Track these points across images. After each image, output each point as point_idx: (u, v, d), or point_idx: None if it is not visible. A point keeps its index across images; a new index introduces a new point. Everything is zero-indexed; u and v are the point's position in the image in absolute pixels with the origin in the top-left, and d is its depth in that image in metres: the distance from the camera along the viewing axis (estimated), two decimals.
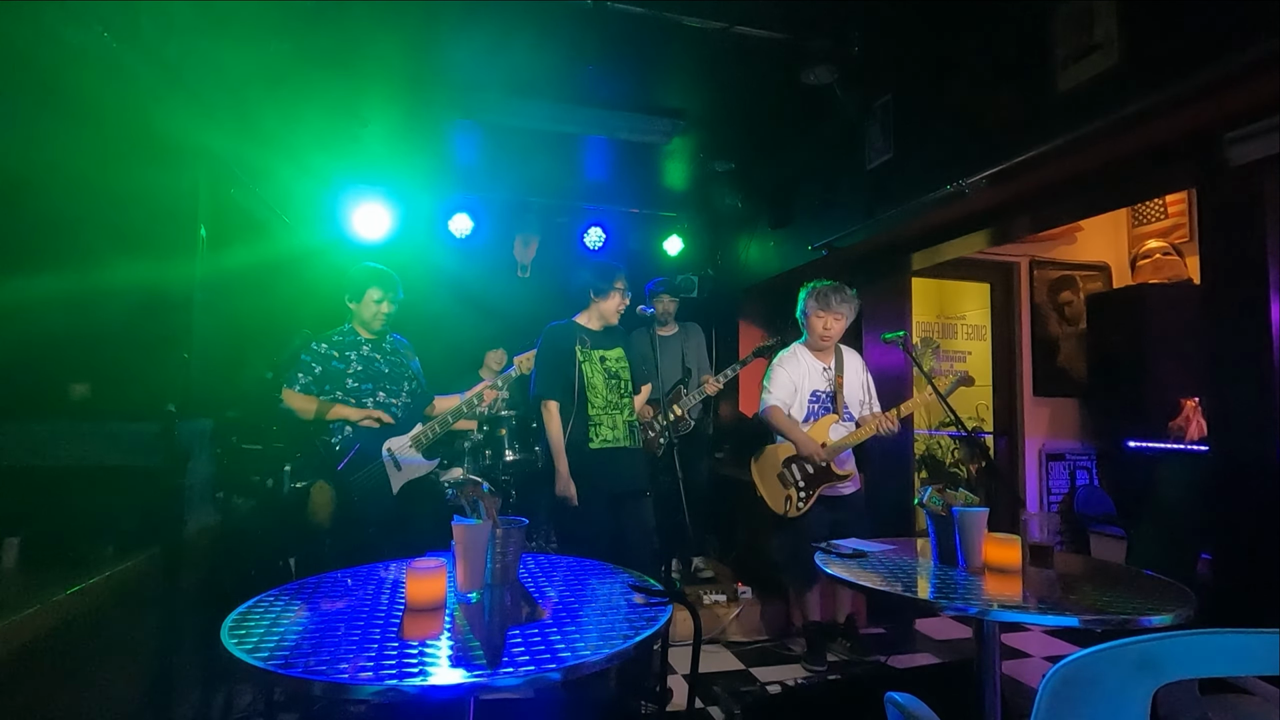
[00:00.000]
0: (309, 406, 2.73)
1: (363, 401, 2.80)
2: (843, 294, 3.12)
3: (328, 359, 2.78)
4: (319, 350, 2.78)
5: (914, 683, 2.50)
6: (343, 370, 2.79)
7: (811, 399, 3.20)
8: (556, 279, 4.87)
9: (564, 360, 2.91)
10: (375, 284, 2.85)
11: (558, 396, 2.89)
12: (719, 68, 3.15)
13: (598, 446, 2.89)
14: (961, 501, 1.89)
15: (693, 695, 2.62)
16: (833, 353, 3.23)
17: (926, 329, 5.57)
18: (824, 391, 3.20)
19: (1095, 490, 4.75)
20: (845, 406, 3.19)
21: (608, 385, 2.95)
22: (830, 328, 3.12)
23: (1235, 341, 2.22)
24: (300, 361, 2.74)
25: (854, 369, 3.26)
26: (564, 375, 2.90)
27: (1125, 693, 1.01)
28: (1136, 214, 4.88)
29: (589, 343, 2.97)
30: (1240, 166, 2.08)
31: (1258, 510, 2.11)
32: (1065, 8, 2.32)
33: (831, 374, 3.21)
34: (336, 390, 2.77)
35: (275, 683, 1.07)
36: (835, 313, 3.10)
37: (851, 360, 3.28)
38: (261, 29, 2.69)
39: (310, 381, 2.74)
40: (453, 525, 1.47)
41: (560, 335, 2.95)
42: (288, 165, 3.81)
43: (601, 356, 2.97)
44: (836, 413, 3.17)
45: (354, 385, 2.80)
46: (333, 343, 2.83)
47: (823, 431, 3.14)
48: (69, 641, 1.71)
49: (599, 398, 2.92)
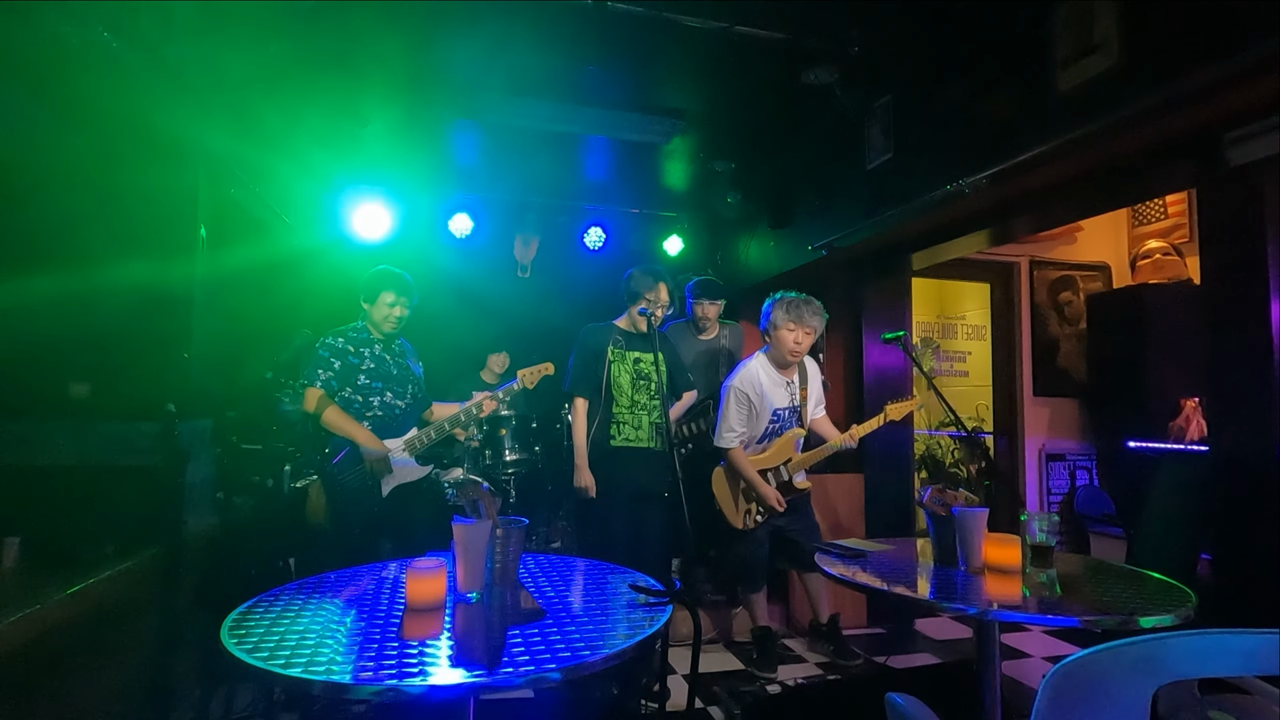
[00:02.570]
0: (331, 414, 2.69)
1: (369, 400, 2.79)
2: (813, 307, 3.01)
3: (344, 354, 2.77)
4: (335, 345, 2.77)
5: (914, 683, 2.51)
6: (356, 366, 2.79)
7: (773, 419, 3.09)
8: (556, 279, 4.87)
9: (594, 359, 2.98)
10: (390, 287, 2.84)
11: (585, 393, 2.98)
12: (719, 68, 3.14)
13: (618, 445, 2.95)
14: (961, 501, 1.89)
15: (693, 695, 2.61)
16: (795, 366, 3.12)
17: (926, 329, 5.57)
18: (785, 408, 3.10)
19: (1095, 490, 4.75)
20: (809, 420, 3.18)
21: (634, 385, 2.98)
22: (801, 343, 2.99)
23: (1235, 341, 2.22)
24: (319, 357, 2.73)
25: (814, 380, 3.20)
26: (593, 373, 2.97)
27: (1125, 693, 1.01)
28: (1136, 214, 4.88)
29: (623, 344, 3.01)
30: (1240, 166, 2.08)
31: (1258, 510, 2.11)
32: (1065, 8, 2.32)
33: (794, 388, 3.12)
34: (346, 386, 2.76)
35: (275, 683, 1.08)
36: (807, 327, 2.97)
37: (812, 370, 3.23)
38: (261, 29, 2.69)
39: (331, 377, 2.72)
40: (453, 525, 1.47)
41: (595, 335, 3.03)
42: (288, 165, 3.81)
43: (636, 359, 3.00)
44: (803, 426, 3.13)
45: (365, 383, 2.79)
46: (348, 338, 2.82)
47: (788, 447, 3.10)
48: (69, 641, 1.71)
49: (624, 397, 2.97)
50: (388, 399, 2.83)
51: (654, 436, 2.99)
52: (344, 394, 2.75)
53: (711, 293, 3.70)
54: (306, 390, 2.69)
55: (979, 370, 5.43)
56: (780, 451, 3.10)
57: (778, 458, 3.11)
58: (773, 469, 3.11)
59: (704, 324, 3.74)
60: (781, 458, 3.10)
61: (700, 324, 3.74)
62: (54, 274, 2.24)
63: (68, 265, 2.28)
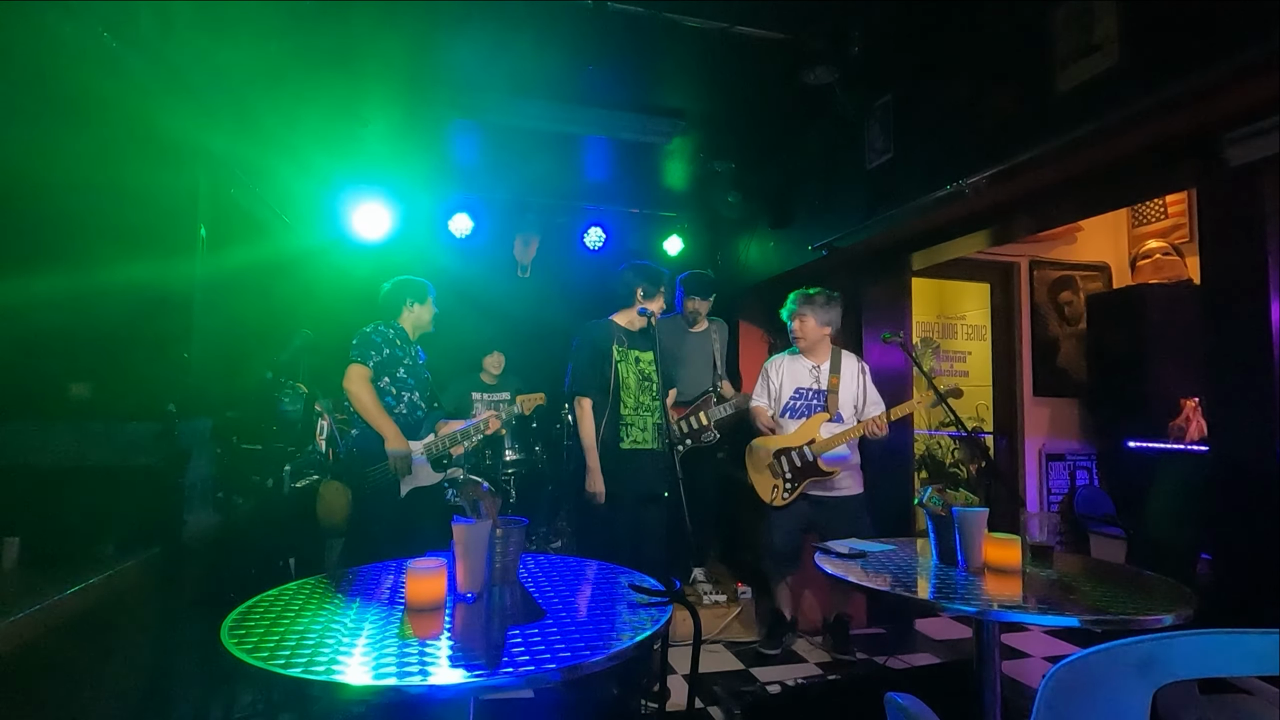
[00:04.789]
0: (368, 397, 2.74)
1: (401, 395, 2.87)
2: (805, 296, 3.28)
3: (393, 344, 2.85)
4: (387, 334, 2.85)
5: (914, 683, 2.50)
6: (400, 360, 2.87)
7: (795, 395, 3.29)
8: (557, 279, 4.87)
9: (600, 358, 2.89)
10: (431, 292, 3.03)
11: (592, 394, 2.87)
12: (719, 68, 3.14)
13: (628, 447, 2.89)
14: (961, 501, 1.89)
15: (693, 695, 2.62)
16: (826, 354, 3.29)
17: (926, 329, 5.57)
18: (809, 389, 3.27)
19: (1095, 490, 4.75)
20: (838, 409, 3.22)
21: (640, 387, 2.95)
22: (796, 330, 3.28)
23: (1235, 341, 2.22)
24: (371, 341, 2.80)
25: (850, 372, 3.28)
26: (600, 373, 2.89)
27: (1125, 693, 1.01)
28: (1136, 214, 4.88)
29: (626, 342, 2.96)
30: (1240, 166, 2.08)
31: (1258, 510, 2.11)
32: (1065, 8, 2.32)
33: (820, 373, 3.27)
34: (385, 376, 2.83)
35: (275, 683, 1.07)
36: (798, 315, 3.28)
37: (849, 363, 3.30)
38: (261, 29, 2.69)
39: (379, 362, 2.80)
40: (453, 525, 1.47)
41: (598, 333, 2.93)
42: (288, 165, 3.81)
43: (636, 358, 2.98)
44: (828, 411, 3.21)
45: (402, 376, 2.87)
46: (396, 330, 2.90)
47: (813, 428, 3.20)
48: (69, 641, 1.71)
49: (631, 398, 2.92)
50: (415, 398, 2.91)
51: (656, 437, 2.98)
52: (381, 384, 2.81)
53: (704, 288, 3.88)
54: (352, 367, 2.74)
55: (979, 370, 5.43)
56: (804, 433, 3.21)
57: (801, 439, 3.21)
58: (796, 449, 3.20)
59: (695, 318, 3.90)
60: (805, 439, 3.19)
61: (691, 318, 3.90)
62: (54, 274, 2.23)
63: (68, 265, 2.28)
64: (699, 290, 3.84)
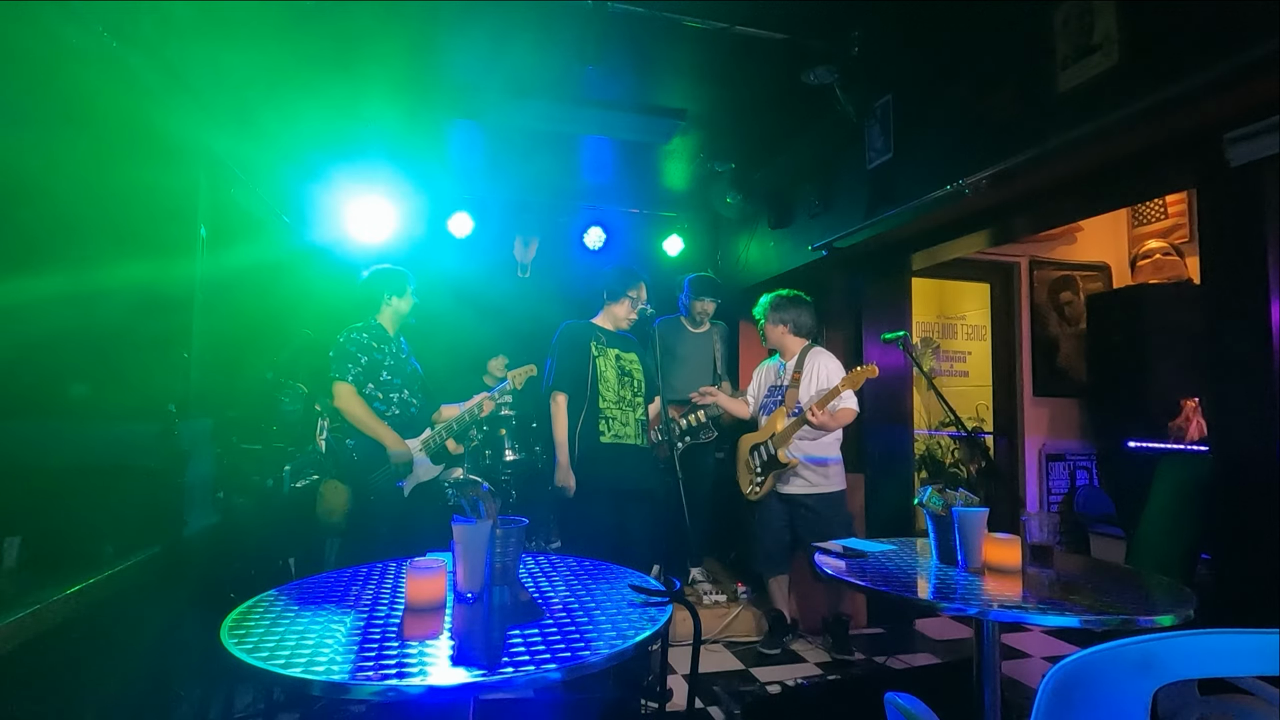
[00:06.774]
0: (360, 411, 2.70)
1: (390, 397, 2.81)
2: (766, 301, 3.40)
3: (370, 349, 2.77)
4: (361, 340, 2.76)
5: (914, 683, 2.51)
6: (380, 363, 2.79)
7: (767, 393, 3.43)
8: (557, 279, 4.87)
9: (578, 355, 2.94)
10: (411, 282, 2.92)
11: (567, 389, 2.92)
12: (719, 68, 3.14)
13: (608, 441, 2.91)
14: (961, 501, 1.89)
15: (693, 695, 2.61)
16: (798, 354, 3.36)
17: (926, 329, 5.57)
18: (777, 385, 3.39)
19: (1095, 490, 4.75)
20: (798, 403, 3.25)
21: (620, 381, 2.98)
22: (766, 334, 3.42)
23: (1235, 341, 2.22)
24: (346, 352, 2.72)
25: (812, 368, 3.29)
26: (576, 369, 2.93)
27: (1125, 693, 1.01)
28: (1136, 214, 4.87)
29: (605, 341, 3.01)
30: (1240, 166, 2.08)
31: (1258, 510, 2.11)
32: (1065, 8, 2.32)
33: (786, 372, 3.36)
34: (369, 383, 2.77)
35: (275, 683, 1.08)
36: (762, 322, 3.43)
37: (814, 359, 3.31)
38: (261, 29, 2.69)
39: (360, 372, 2.72)
40: (453, 525, 1.47)
41: (576, 330, 3.01)
42: (288, 165, 3.81)
43: (616, 355, 3.01)
44: (785, 406, 3.27)
45: (387, 379, 2.80)
46: (372, 333, 2.81)
47: (775, 423, 3.29)
48: (69, 641, 1.71)
49: (611, 392, 2.94)
50: (405, 396, 2.86)
51: (640, 434, 2.99)
52: (366, 390, 2.76)
53: (710, 291, 3.95)
54: (337, 385, 2.69)
55: (979, 370, 5.43)
56: (769, 427, 3.30)
57: (765, 434, 3.30)
58: (763, 443, 3.29)
59: (699, 319, 3.99)
60: (768, 434, 3.28)
61: (696, 318, 3.98)
62: (54, 274, 2.23)
63: (68, 265, 2.28)
64: (708, 292, 3.94)
